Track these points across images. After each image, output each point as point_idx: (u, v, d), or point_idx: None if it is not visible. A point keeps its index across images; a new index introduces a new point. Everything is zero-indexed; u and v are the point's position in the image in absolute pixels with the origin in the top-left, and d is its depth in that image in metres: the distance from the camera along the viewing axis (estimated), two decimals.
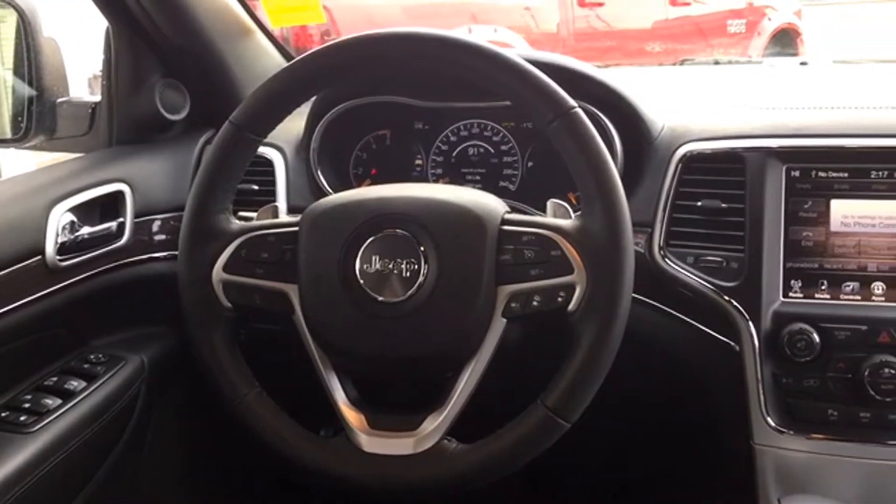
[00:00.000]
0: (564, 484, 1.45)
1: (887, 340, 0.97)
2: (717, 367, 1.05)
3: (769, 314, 1.01)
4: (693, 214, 1.07)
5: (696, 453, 1.26)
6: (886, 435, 0.98)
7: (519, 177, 1.24)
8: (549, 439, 0.85)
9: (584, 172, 0.85)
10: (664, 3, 4.66)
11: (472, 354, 0.87)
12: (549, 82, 0.86)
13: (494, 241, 0.87)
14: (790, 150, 1.04)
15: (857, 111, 1.09)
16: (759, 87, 1.37)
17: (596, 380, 0.84)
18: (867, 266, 1.01)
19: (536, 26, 4.15)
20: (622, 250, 0.83)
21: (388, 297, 0.87)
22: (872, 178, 1.01)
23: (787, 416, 1.01)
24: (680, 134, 1.11)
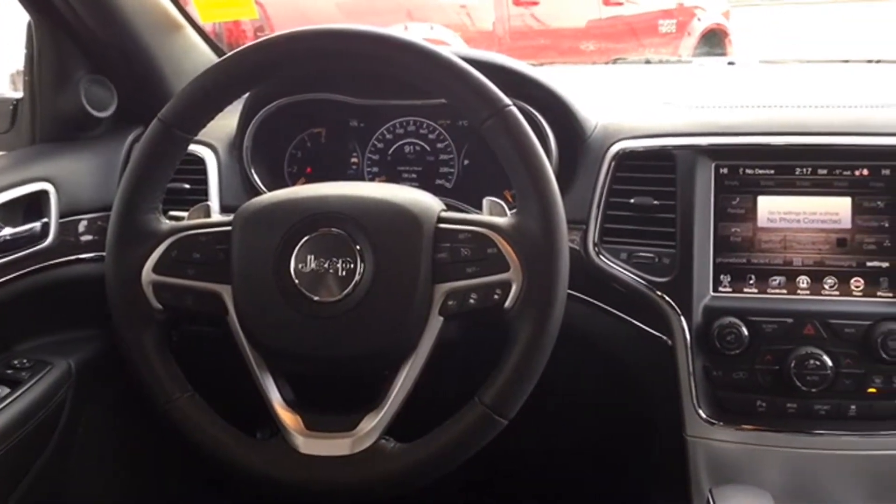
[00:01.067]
0: (502, 481, 1.46)
1: (812, 333, 1.00)
2: (651, 362, 1.07)
3: (700, 309, 1.03)
4: (626, 211, 1.09)
5: (631, 446, 1.29)
6: (812, 424, 1.01)
7: (455, 175, 1.24)
8: (486, 436, 0.85)
9: (519, 170, 0.85)
10: (597, 2, 4.72)
11: (409, 353, 0.87)
12: (483, 80, 0.87)
13: (431, 239, 0.87)
14: (719, 148, 1.06)
15: (783, 110, 1.12)
16: (689, 86, 1.40)
17: (532, 376, 0.84)
18: (792, 260, 1.04)
19: (472, 24, 4.17)
20: (557, 248, 0.84)
21: (324, 296, 0.86)
22: (797, 175, 1.04)
23: (718, 408, 1.04)
24: (613, 132, 1.13)
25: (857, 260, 1.02)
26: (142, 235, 0.91)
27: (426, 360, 0.87)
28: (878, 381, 0.99)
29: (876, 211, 1.02)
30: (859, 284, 1.01)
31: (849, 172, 1.03)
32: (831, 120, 1.08)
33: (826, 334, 1.00)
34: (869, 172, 1.02)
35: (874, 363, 0.99)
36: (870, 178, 1.02)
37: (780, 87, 1.35)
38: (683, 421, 1.05)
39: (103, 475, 1.34)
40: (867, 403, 1.00)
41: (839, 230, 1.03)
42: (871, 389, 0.99)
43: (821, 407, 1.00)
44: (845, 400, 1.00)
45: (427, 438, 0.86)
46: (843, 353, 0.99)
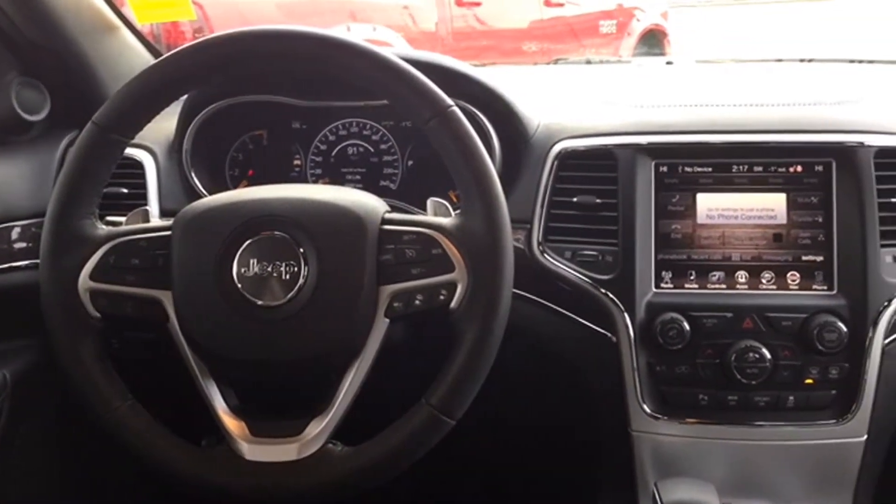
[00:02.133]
0: (450, 480, 1.46)
1: (751, 326, 1.03)
2: (595, 358, 1.09)
3: (643, 305, 1.05)
4: (569, 210, 1.10)
5: (577, 442, 1.30)
6: (752, 416, 1.04)
7: (399, 176, 1.23)
8: (434, 438, 0.85)
9: (463, 170, 0.86)
10: (539, 3, 4.76)
11: (355, 356, 0.86)
12: (425, 81, 0.87)
13: (375, 240, 0.86)
14: (658, 147, 1.08)
15: (720, 109, 1.14)
16: (629, 86, 1.41)
17: (479, 376, 0.85)
18: (731, 256, 1.06)
19: (415, 25, 4.16)
20: (502, 247, 0.84)
21: (268, 300, 0.85)
22: (734, 173, 1.07)
23: (662, 402, 1.06)
24: (555, 131, 1.14)
25: (792, 254, 1.05)
26: (77, 241, 0.88)
27: (372, 362, 0.86)
28: (814, 373, 1.02)
29: (810, 206, 1.05)
30: (795, 278, 1.04)
31: (783, 169, 1.06)
32: (766, 118, 1.10)
33: (764, 327, 1.02)
34: (802, 169, 1.05)
35: (810, 355, 1.01)
36: (803, 174, 1.05)
37: (717, 87, 1.37)
38: (628, 416, 1.06)
39: (43, 489, 1.30)
40: (804, 394, 1.02)
41: (775, 225, 1.05)
42: (808, 380, 1.02)
43: (760, 399, 1.03)
44: (784, 391, 1.02)
45: (374, 441, 0.86)
46: (781, 345, 1.02)
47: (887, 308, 1.01)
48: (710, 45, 6.72)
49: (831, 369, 1.02)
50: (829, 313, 1.01)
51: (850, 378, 1.02)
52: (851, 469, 1.06)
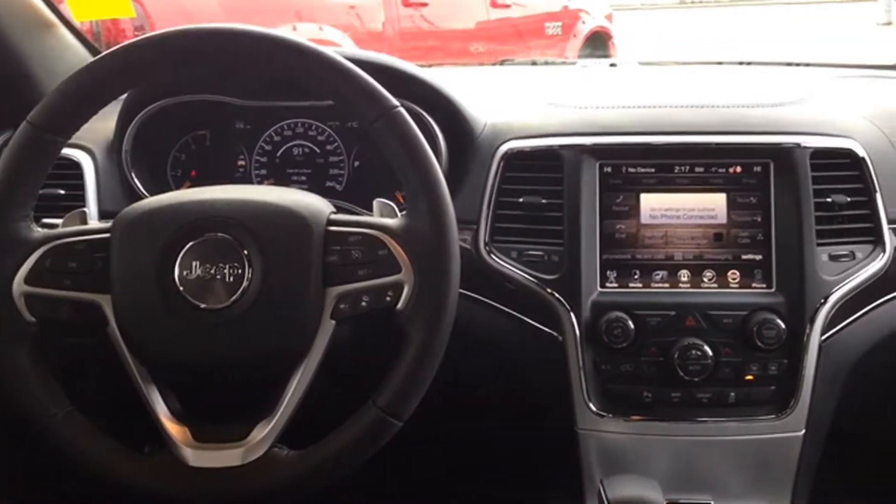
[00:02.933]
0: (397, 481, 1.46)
1: (693, 324, 1.04)
2: (542, 358, 1.09)
3: (588, 304, 1.06)
4: (516, 210, 1.10)
5: (525, 442, 1.31)
6: (695, 413, 1.06)
7: (346, 176, 1.23)
8: (381, 439, 0.85)
9: (408, 171, 0.85)
10: (485, 4, 4.78)
11: (301, 358, 0.85)
12: (370, 81, 0.86)
13: (321, 242, 0.86)
14: (603, 148, 1.09)
15: (662, 110, 1.16)
16: (574, 87, 1.43)
17: (426, 377, 0.85)
18: (674, 255, 1.08)
19: (362, 25, 4.14)
20: (448, 248, 0.85)
21: (212, 303, 0.84)
22: (676, 173, 1.08)
23: (607, 400, 1.07)
24: (501, 132, 1.14)
25: (732, 253, 1.07)
26: (12, 244, 0.86)
27: (319, 364, 0.86)
28: (754, 369, 1.04)
29: (749, 206, 1.07)
30: (735, 277, 1.06)
31: (723, 170, 1.08)
32: (706, 120, 1.13)
33: (706, 325, 1.04)
34: (742, 169, 1.07)
35: (751, 351, 1.04)
36: (743, 174, 1.07)
37: (659, 88, 1.39)
38: (574, 415, 1.07)
39: None
40: (745, 390, 1.05)
41: (716, 225, 1.07)
42: (749, 377, 1.04)
43: (703, 395, 1.04)
44: (725, 387, 1.04)
45: (321, 444, 0.85)
46: (722, 342, 1.04)
47: (823, 305, 1.03)
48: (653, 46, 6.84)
49: (771, 365, 1.04)
50: (768, 311, 1.03)
51: (788, 374, 1.04)
52: (791, 462, 1.08)
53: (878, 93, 1.26)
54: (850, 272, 1.04)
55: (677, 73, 1.66)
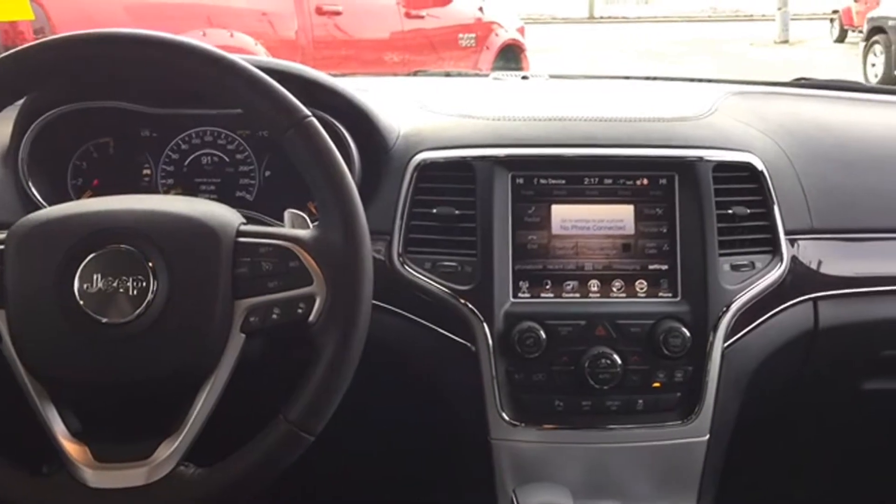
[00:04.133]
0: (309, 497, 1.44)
1: (603, 333, 1.06)
2: (456, 368, 1.09)
3: (501, 315, 1.07)
4: (429, 221, 1.10)
5: (438, 452, 1.31)
6: (605, 420, 1.08)
7: (256, 187, 1.20)
8: (292, 454, 0.83)
9: (320, 182, 0.85)
10: (400, 15, 4.80)
11: (209, 373, 0.83)
12: (281, 90, 0.85)
13: (230, 253, 0.84)
14: (515, 159, 1.10)
15: (573, 123, 1.18)
16: (487, 99, 1.44)
17: (338, 389, 0.84)
18: (584, 265, 1.09)
19: (275, 33, 4.09)
20: (360, 259, 0.84)
21: (114, 318, 0.81)
22: (586, 185, 1.10)
23: (520, 409, 1.08)
24: (414, 143, 1.14)
25: (640, 263, 1.09)
26: None
27: (227, 379, 0.84)
28: (661, 376, 1.07)
29: (655, 217, 1.10)
30: (643, 286, 1.09)
31: (631, 182, 1.10)
32: (615, 133, 1.15)
33: (615, 334, 1.06)
34: (648, 182, 1.10)
35: (657, 359, 1.06)
36: (649, 187, 1.10)
37: (570, 101, 1.42)
38: (487, 424, 1.08)
39: None
40: (653, 397, 1.07)
41: (624, 236, 1.10)
42: (656, 384, 1.07)
43: (612, 403, 1.06)
44: (633, 395, 1.07)
45: (230, 461, 0.83)
46: (631, 350, 1.06)
47: (726, 313, 1.07)
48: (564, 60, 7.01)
49: (677, 373, 1.07)
50: (674, 319, 1.06)
51: (693, 380, 1.07)
52: (696, 467, 1.11)
53: (775, 109, 1.31)
54: (750, 281, 1.08)
55: (587, 86, 1.70)
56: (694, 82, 1.64)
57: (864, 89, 1.63)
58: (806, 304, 1.14)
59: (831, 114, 1.36)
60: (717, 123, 1.20)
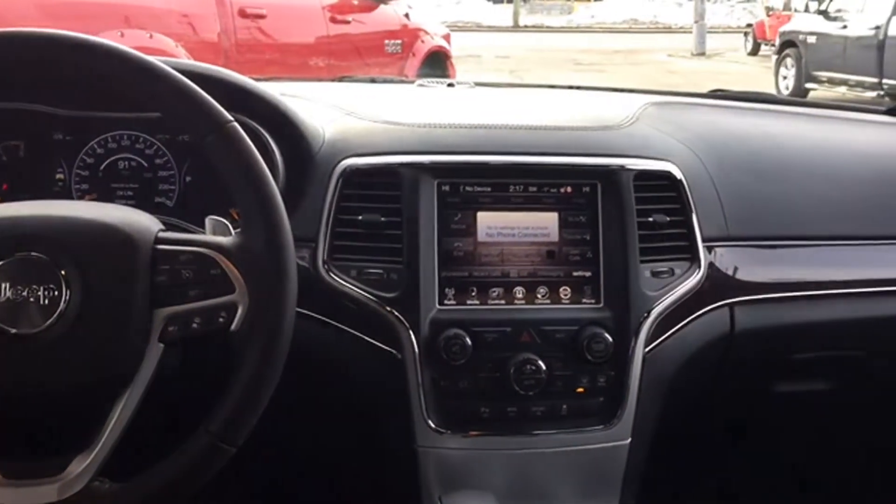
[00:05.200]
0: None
1: (528, 339, 1.07)
2: (381, 376, 1.09)
3: (427, 322, 1.06)
4: (355, 228, 1.09)
5: (364, 462, 1.30)
6: (530, 426, 1.09)
7: (176, 192, 1.17)
8: (213, 466, 0.82)
9: (243, 188, 0.83)
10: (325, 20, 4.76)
11: (125, 385, 0.81)
12: (201, 95, 0.83)
13: (147, 261, 0.82)
14: (440, 166, 1.10)
15: (498, 131, 1.19)
16: (413, 106, 1.44)
17: (261, 399, 0.82)
18: (509, 272, 1.10)
19: (196, 34, 4.01)
20: (284, 266, 0.83)
21: (24, 328, 0.78)
22: (511, 192, 1.11)
23: (446, 417, 1.08)
24: (340, 149, 1.13)
25: (564, 270, 1.10)
26: None
27: (145, 390, 0.81)
28: (584, 381, 1.08)
29: (579, 225, 1.11)
30: (567, 293, 1.10)
31: (555, 190, 1.12)
32: (540, 141, 1.17)
33: (540, 340, 1.07)
34: (572, 190, 1.12)
35: (581, 364, 1.07)
36: (573, 194, 1.12)
37: (495, 109, 1.43)
38: (414, 432, 1.07)
39: None
40: (577, 402, 1.09)
41: (548, 243, 1.11)
42: (580, 389, 1.08)
43: (537, 409, 1.07)
44: (558, 400, 1.08)
45: (147, 475, 0.81)
46: (555, 356, 1.07)
47: (647, 319, 1.09)
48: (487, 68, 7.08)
49: (600, 378, 1.08)
50: (597, 325, 1.07)
51: (615, 385, 1.09)
52: (618, 469, 1.13)
53: (693, 119, 1.35)
54: (670, 287, 1.11)
55: (512, 95, 1.71)
56: (615, 92, 1.67)
57: (776, 101, 1.69)
58: (722, 310, 1.17)
59: (746, 125, 1.41)
60: (638, 133, 1.23)
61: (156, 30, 3.68)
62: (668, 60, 15.27)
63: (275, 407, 0.84)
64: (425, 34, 5.54)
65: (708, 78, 10.81)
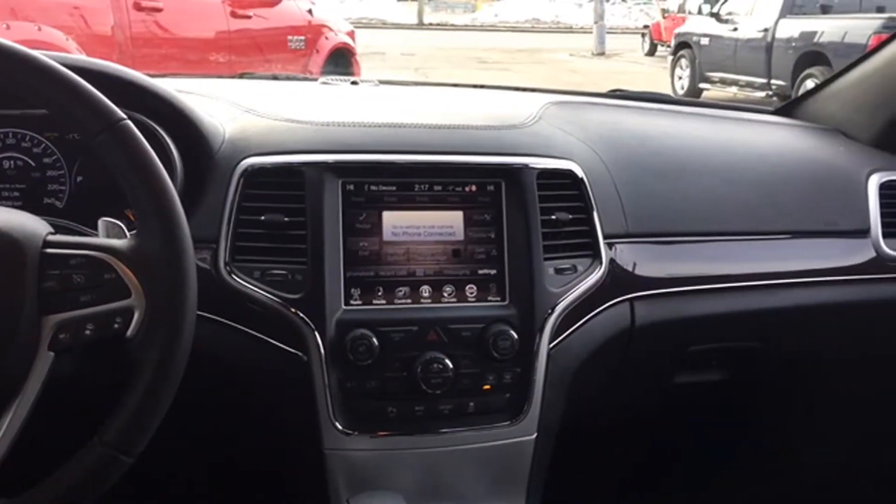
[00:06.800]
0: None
1: (435, 338, 1.07)
2: (287, 379, 1.07)
3: (332, 323, 1.05)
4: (257, 229, 1.07)
5: (272, 465, 1.27)
6: (438, 424, 1.09)
7: (67, 193, 1.12)
8: (109, 478, 0.78)
9: (137, 188, 0.80)
10: (226, 14, 4.65)
11: (12, 396, 0.77)
12: (91, 91, 0.80)
13: (35, 266, 0.78)
14: (345, 166, 1.09)
15: (402, 129, 1.19)
16: (316, 104, 1.42)
17: (160, 407, 0.80)
18: (416, 271, 1.10)
19: (88, 28, 3.86)
20: (182, 269, 0.80)
21: None
22: (416, 192, 1.11)
23: (353, 418, 1.07)
24: (241, 148, 1.11)
25: (470, 268, 1.11)
26: None
27: (35, 401, 0.78)
28: (491, 379, 1.09)
29: (484, 223, 1.12)
30: (473, 291, 1.11)
31: (460, 188, 1.12)
32: (444, 140, 1.17)
33: (447, 339, 1.08)
34: (476, 188, 1.12)
35: (488, 362, 1.08)
36: (477, 193, 1.12)
37: (400, 108, 1.43)
38: (320, 435, 1.06)
39: None
40: (483, 399, 1.09)
41: (454, 242, 1.11)
42: (486, 386, 1.09)
43: (444, 407, 1.08)
44: (465, 398, 1.08)
45: (39, 488, 0.77)
46: (462, 354, 1.08)
47: (551, 315, 1.11)
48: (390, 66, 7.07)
49: (506, 375, 1.09)
50: (503, 322, 1.08)
51: (521, 382, 1.10)
52: (525, 465, 1.15)
53: (594, 119, 1.38)
54: (573, 284, 1.13)
55: (416, 93, 1.71)
56: (518, 91, 1.69)
57: (672, 101, 1.74)
58: (623, 304, 1.20)
59: (644, 124, 1.45)
60: (541, 132, 1.25)
61: (45, 22, 3.53)
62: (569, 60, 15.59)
63: (177, 414, 0.81)
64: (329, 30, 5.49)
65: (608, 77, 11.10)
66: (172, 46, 4.27)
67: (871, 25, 7.64)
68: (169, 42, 4.26)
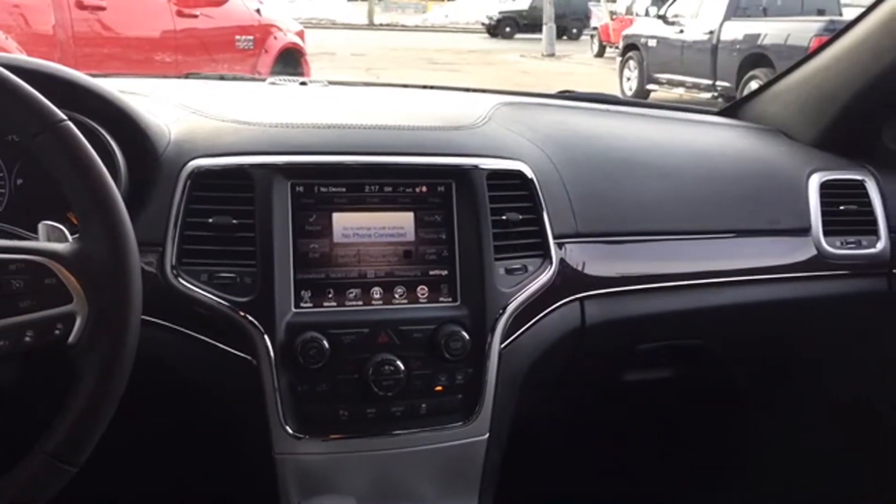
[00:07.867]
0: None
1: (386, 340, 1.07)
2: (236, 383, 1.06)
3: (282, 326, 1.04)
4: (205, 231, 1.05)
5: (222, 471, 1.26)
6: (390, 426, 1.08)
7: (6, 196, 1.09)
8: (51, 488, 0.77)
9: (79, 191, 0.78)
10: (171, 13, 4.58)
11: None
12: (29, 91, 0.78)
13: None
14: (294, 167, 1.08)
15: (352, 130, 1.18)
16: (264, 104, 1.41)
17: (104, 415, 0.78)
18: (367, 273, 1.09)
19: (28, 26, 3.76)
20: (127, 273, 0.79)
21: None
22: (366, 193, 1.11)
23: (304, 422, 1.06)
24: (187, 150, 1.09)
25: (421, 269, 1.11)
26: None
27: None
28: (443, 380, 1.09)
29: (435, 224, 1.12)
30: (424, 292, 1.11)
31: (410, 189, 1.12)
32: (394, 141, 1.16)
33: (398, 340, 1.07)
34: (427, 189, 1.12)
35: (440, 363, 1.08)
36: (428, 194, 1.12)
37: (349, 108, 1.42)
38: (271, 439, 1.05)
39: None
40: (435, 401, 1.09)
41: (405, 243, 1.11)
42: (438, 387, 1.09)
43: (396, 409, 1.07)
44: (417, 399, 1.08)
45: None
46: (414, 356, 1.07)
47: (502, 315, 1.11)
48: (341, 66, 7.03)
49: (458, 375, 1.09)
50: (454, 323, 1.08)
51: (473, 382, 1.10)
52: (477, 465, 1.15)
53: (543, 119, 1.39)
54: (524, 284, 1.13)
55: (366, 94, 1.70)
56: (468, 92, 1.70)
57: (620, 102, 1.76)
58: (573, 304, 1.21)
59: (593, 125, 1.46)
60: (491, 133, 1.25)
61: None
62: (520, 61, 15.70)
63: (122, 421, 0.79)
64: (278, 30, 5.43)
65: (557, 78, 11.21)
66: (116, 46, 4.18)
67: (812, 28, 7.85)
68: (112, 41, 4.17)
